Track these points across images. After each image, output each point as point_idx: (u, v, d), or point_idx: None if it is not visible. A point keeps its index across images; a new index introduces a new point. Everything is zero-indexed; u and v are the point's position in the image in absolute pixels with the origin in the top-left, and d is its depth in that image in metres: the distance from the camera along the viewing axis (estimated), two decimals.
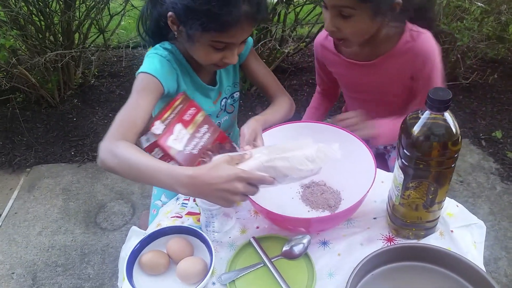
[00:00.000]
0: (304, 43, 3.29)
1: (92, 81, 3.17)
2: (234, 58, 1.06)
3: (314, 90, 2.93)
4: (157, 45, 1.13)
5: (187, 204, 1.10)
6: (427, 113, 0.76)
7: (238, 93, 1.32)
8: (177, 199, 1.13)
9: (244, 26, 0.98)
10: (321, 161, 0.87)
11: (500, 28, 2.77)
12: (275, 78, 1.30)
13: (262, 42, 2.53)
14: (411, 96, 1.30)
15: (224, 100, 1.26)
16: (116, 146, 0.91)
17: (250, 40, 1.26)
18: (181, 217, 1.06)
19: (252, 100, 2.93)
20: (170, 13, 1.01)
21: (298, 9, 2.70)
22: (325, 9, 1.11)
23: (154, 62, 1.07)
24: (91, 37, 3.00)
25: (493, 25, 2.60)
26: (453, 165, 0.82)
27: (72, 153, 2.54)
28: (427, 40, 1.18)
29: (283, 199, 1.08)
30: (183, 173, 0.81)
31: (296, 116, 1.30)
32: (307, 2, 2.61)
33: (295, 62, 3.49)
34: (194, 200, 1.09)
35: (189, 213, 1.07)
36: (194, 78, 1.17)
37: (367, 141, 1.06)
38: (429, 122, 0.76)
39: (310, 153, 0.86)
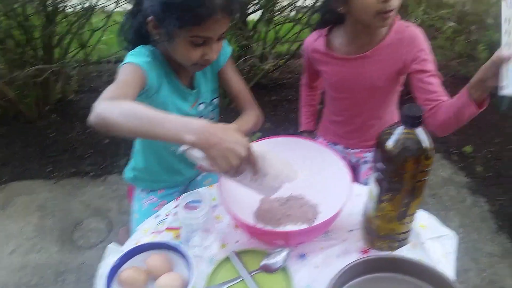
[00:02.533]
0: (283, 60, 3.36)
1: (72, 96, 3.14)
2: (213, 54, 1.08)
3: (293, 105, 2.99)
4: (140, 46, 1.14)
5: (166, 219, 1.11)
6: (400, 129, 0.80)
7: (217, 100, 1.34)
8: (156, 216, 1.13)
9: (219, 19, 1.01)
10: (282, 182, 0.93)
11: (471, 46, 2.89)
12: (248, 91, 1.33)
13: (243, 59, 2.57)
14: (394, 92, 1.37)
15: (202, 105, 1.28)
16: (115, 100, 0.89)
17: (229, 49, 1.30)
18: (160, 233, 1.07)
19: (232, 115, 2.95)
20: (149, 18, 1.04)
21: (278, 27, 2.77)
22: None
23: (138, 56, 1.08)
24: (71, 51, 2.99)
25: (464, 43, 2.72)
26: (425, 179, 0.85)
27: (50, 169, 2.50)
28: (415, 29, 1.25)
29: None
30: (195, 121, 0.82)
31: (272, 131, 1.33)
32: (287, 21, 2.68)
33: (275, 78, 3.54)
34: (174, 215, 1.10)
35: (169, 229, 1.07)
36: (173, 80, 1.19)
37: None
38: (402, 137, 0.80)
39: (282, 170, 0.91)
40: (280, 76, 3.61)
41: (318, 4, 1.37)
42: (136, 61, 1.05)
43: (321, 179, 1.11)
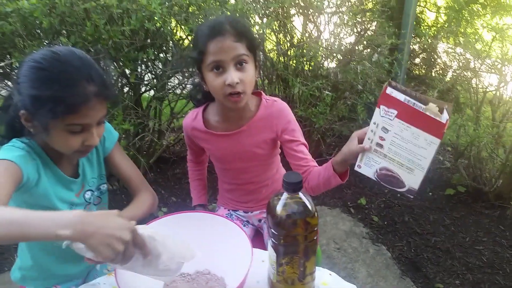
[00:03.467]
0: (183, 133, 3.41)
1: None
2: (94, 139, 1.05)
3: None
4: (14, 139, 1.08)
5: None
6: (285, 195, 0.86)
7: (105, 185, 1.30)
8: None
9: (94, 105, 1.00)
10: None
11: (349, 109, 3.23)
12: (139, 173, 1.32)
13: (140, 136, 2.56)
14: (274, 155, 1.47)
15: (89, 193, 1.23)
16: None
17: (116, 134, 1.28)
18: None
19: (123, 199, 2.86)
20: (21, 112, 1.00)
21: (173, 104, 2.84)
22: (216, 75, 1.21)
23: (11, 151, 1.03)
24: None
25: (343, 108, 3.02)
26: (315, 238, 0.91)
27: None
28: (281, 103, 1.38)
29: None
30: (69, 213, 0.78)
31: (178, 204, 1.32)
32: (180, 98, 2.76)
33: (177, 151, 3.55)
34: None
35: None
36: (54, 170, 1.13)
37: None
38: (288, 202, 0.86)
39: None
40: (181, 149, 3.63)
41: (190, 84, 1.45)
42: (8, 157, 0.99)
43: (224, 251, 1.11)
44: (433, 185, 3.16)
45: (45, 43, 2.00)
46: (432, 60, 3.67)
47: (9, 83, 2.36)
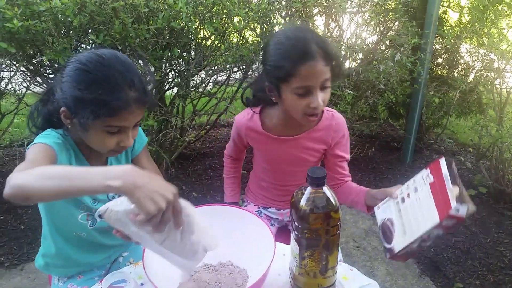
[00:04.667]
0: (204, 131, 3.46)
1: None
2: (129, 141, 1.10)
3: (218, 173, 3.03)
4: (49, 130, 1.13)
5: None
6: (309, 189, 0.89)
7: None
8: None
9: (133, 110, 1.04)
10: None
11: (370, 109, 3.23)
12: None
13: (163, 132, 2.61)
14: (319, 162, 1.50)
15: None
16: (28, 169, 0.85)
17: (145, 138, 1.33)
18: None
19: None
20: (62, 109, 1.05)
21: (195, 102, 2.88)
22: (301, 97, 1.19)
23: (48, 137, 1.07)
24: None
25: (363, 107, 3.03)
26: (338, 232, 0.93)
27: None
28: (339, 116, 1.41)
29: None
30: (118, 167, 0.79)
31: (199, 200, 1.35)
32: (202, 96, 2.81)
33: (197, 148, 3.61)
34: None
35: None
36: (84, 164, 1.18)
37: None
38: (312, 196, 0.89)
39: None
40: (202, 146, 3.69)
41: (253, 81, 1.45)
42: (46, 141, 1.04)
43: (247, 243, 1.14)
44: None
45: (74, 41, 2.06)
46: (455, 60, 3.63)
47: (39, 79, 2.44)
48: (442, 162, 0.96)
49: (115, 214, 0.84)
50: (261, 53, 1.34)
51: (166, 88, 2.67)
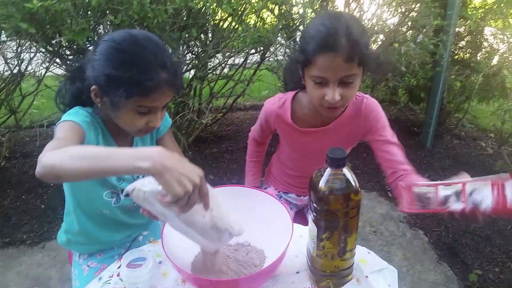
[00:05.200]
0: (221, 114, 3.45)
1: (3, 163, 3.00)
2: (157, 121, 1.11)
3: (234, 156, 3.04)
4: (76, 107, 1.14)
5: (110, 281, 1.07)
6: (328, 170, 0.87)
7: None
8: (100, 278, 1.10)
9: (164, 91, 1.05)
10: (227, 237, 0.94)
11: (390, 92, 3.16)
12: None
13: (180, 115, 2.61)
14: (348, 150, 1.42)
15: None
16: (61, 146, 0.87)
17: (169, 120, 1.34)
18: None
19: None
20: (93, 87, 1.06)
21: (212, 84, 2.87)
22: (318, 86, 1.16)
23: (77, 115, 1.08)
24: (0, 118, 2.89)
25: (384, 90, 2.97)
26: (357, 215, 0.92)
27: None
28: (371, 102, 1.32)
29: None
30: (148, 148, 0.80)
31: (216, 182, 1.35)
32: (220, 78, 2.79)
33: (214, 131, 3.62)
34: (118, 275, 1.07)
35: None
36: (110, 143, 1.19)
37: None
38: (331, 177, 0.87)
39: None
40: (219, 129, 3.69)
41: (290, 64, 1.38)
42: (75, 119, 1.05)
43: (265, 224, 1.14)
44: (474, 171, 3.07)
45: (92, 22, 2.06)
46: (478, 43, 3.52)
47: (58, 60, 2.46)
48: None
49: (143, 193, 0.85)
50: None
51: (183, 70, 2.66)
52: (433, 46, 2.74)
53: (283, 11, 2.65)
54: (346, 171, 0.87)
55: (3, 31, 2.01)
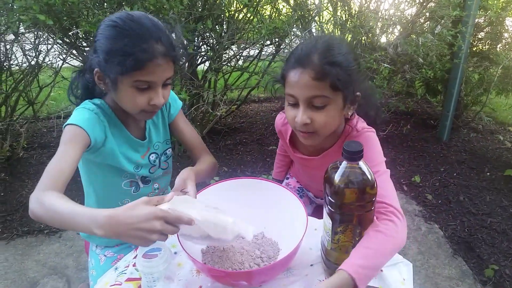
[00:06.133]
0: (235, 106, 3.45)
1: (21, 154, 3.05)
2: (159, 98, 1.10)
3: (248, 148, 3.04)
4: (87, 101, 1.16)
5: (126, 270, 1.09)
6: (344, 163, 0.86)
7: (170, 150, 1.37)
8: (116, 268, 1.11)
9: (160, 63, 1.04)
10: (231, 234, 0.93)
11: (407, 84, 3.12)
12: (201, 140, 1.38)
13: (195, 107, 2.62)
14: None
15: (153, 155, 1.30)
16: (43, 195, 0.93)
17: (180, 102, 1.35)
18: (120, 284, 1.05)
19: (188, 162, 2.97)
20: (95, 69, 1.08)
21: (227, 76, 2.87)
22: (291, 107, 1.10)
23: (80, 114, 1.10)
24: (19, 109, 2.93)
25: (400, 82, 2.93)
26: (372, 208, 0.91)
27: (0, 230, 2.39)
28: (367, 139, 1.18)
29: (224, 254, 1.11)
30: (100, 213, 0.83)
31: (229, 174, 1.35)
32: (234, 70, 2.78)
33: (228, 123, 3.62)
34: (134, 265, 1.09)
35: (129, 279, 1.05)
36: (123, 131, 1.21)
37: None
38: (347, 171, 0.86)
39: (226, 222, 0.93)
40: (233, 121, 3.69)
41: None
42: (77, 121, 1.07)
43: (280, 216, 1.14)
44: (492, 165, 3.02)
45: (108, 13, 2.07)
46: (498, 34, 3.44)
47: (75, 52, 2.48)
48: None
49: None
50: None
51: (198, 62, 2.66)
52: (451, 37, 2.69)
53: (298, 1, 2.63)
54: (362, 164, 0.86)
55: (21, 23, 2.03)
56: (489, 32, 3.50)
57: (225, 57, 2.65)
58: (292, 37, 2.71)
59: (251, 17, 2.66)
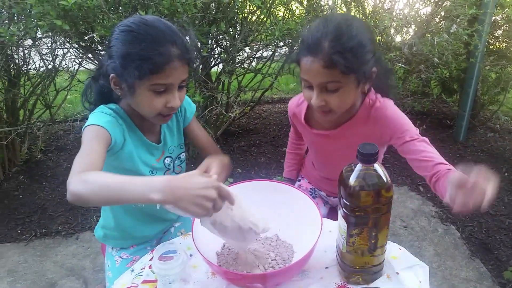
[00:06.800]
0: (248, 107, 3.46)
1: (39, 156, 3.11)
2: (176, 101, 1.11)
3: (262, 149, 3.04)
4: (102, 106, 1.17)
5: (142, 272, 1.10)
6: (359, 166, 0.86)
7: (184, 154, 1.38)
8: (132, 270, 1.13)
9: (176, 66, 1.06)
10: (261, 230, 0.95)
11: (422, 84, 3.08)
12: (214, 143, 1.40)
13: (209, 109, 2.63)
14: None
15: (168, 159, 1.31)
16: (85, 174, 0.92)
17: (194, 106, 1.36)
18: (137, 286, 1.06)
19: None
20: (111, 75, 1.09)
21: (240, 78, 2.88)
22: (307, 89, 1.16)
23: (99, 116, 1.11)
24: (36, 112, 2.99)
25: (416, 82, 2.90)
26: (388, 211, 0.90)
27: (19, 231, 2.43)
28: (385, 108, 1.23)
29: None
30: (157, 179, 0.84)
31: (243, 176, 1.36)
32: (248, 72, 2.79)
33: (242, 125, 3.63)
34: (150, 267, 1.10)
35: (145, 281, 1.06)
36: (138, 134, 1.22)
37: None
38: (362, 173, 0.86)
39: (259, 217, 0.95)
40: (247, 122, 3.70)
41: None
42: (99, 122, 1.08)
43: (294, 219, 1.14)
44: (510, 166, 2.97)
45: (123, 17, 2.10)
46: None
47: (90, 55, 2.52)
48: None
49: (170, 208, 0.88)
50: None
51: (212, 64, 2.68)
52: (467, 36, 2.65)
53: (312, 2, 2.62)
54: (377, 166, 0.86)
55: (39, 29, 2.06)
56: (507, 30, 3.44)
57: (238, 59, 2.66)
58: None
59: (264, 19, 2.66)
